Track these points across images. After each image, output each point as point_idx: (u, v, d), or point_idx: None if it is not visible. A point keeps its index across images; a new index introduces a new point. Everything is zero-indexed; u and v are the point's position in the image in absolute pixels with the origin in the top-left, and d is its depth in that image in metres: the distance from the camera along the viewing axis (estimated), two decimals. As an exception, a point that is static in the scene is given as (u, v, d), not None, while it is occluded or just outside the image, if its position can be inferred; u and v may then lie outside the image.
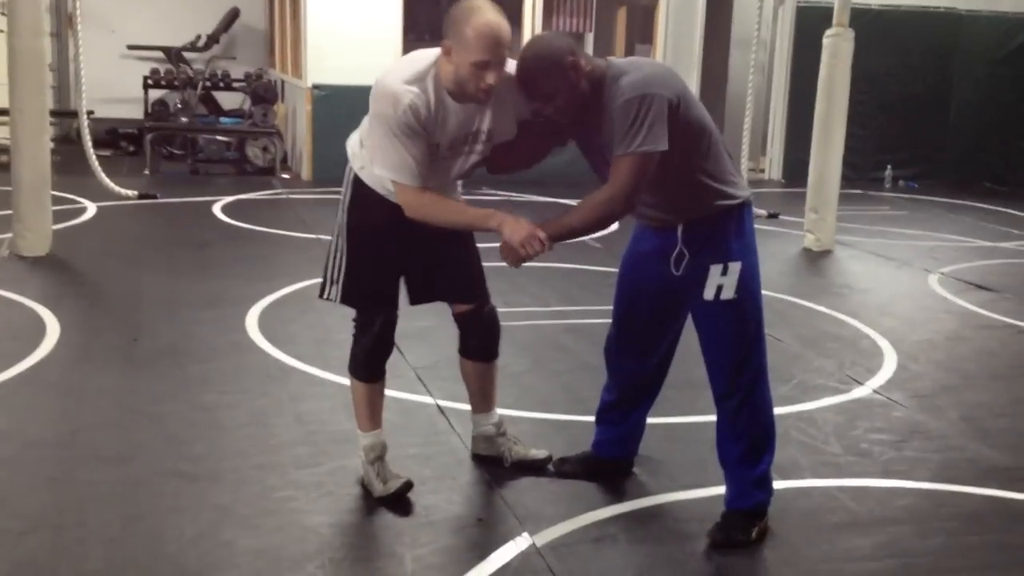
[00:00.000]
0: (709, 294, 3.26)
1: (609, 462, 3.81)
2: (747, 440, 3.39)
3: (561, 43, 3.11)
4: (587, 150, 3.33)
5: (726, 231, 3.26)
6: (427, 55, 3.20)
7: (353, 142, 3.42)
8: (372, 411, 3.58)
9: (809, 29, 11.17)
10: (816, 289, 7.16)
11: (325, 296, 3.52)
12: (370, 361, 3.53)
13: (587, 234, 3.30)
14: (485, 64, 3.04)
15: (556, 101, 3.10)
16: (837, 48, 8.10)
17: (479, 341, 3.68)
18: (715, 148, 3.24)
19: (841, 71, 8.12)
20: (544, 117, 3.22)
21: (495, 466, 3.81)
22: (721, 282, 3.24)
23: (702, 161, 3.20)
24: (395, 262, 3.47)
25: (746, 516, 3.40)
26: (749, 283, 3.30)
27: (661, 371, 3.68)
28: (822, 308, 6.50)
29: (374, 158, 3.21)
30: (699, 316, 3.37)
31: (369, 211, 3.39)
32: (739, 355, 3.34)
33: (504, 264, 3.21)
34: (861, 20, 8.97)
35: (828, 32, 8.17)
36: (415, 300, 3.61)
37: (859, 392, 4.91)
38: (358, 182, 3.41)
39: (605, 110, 3.10)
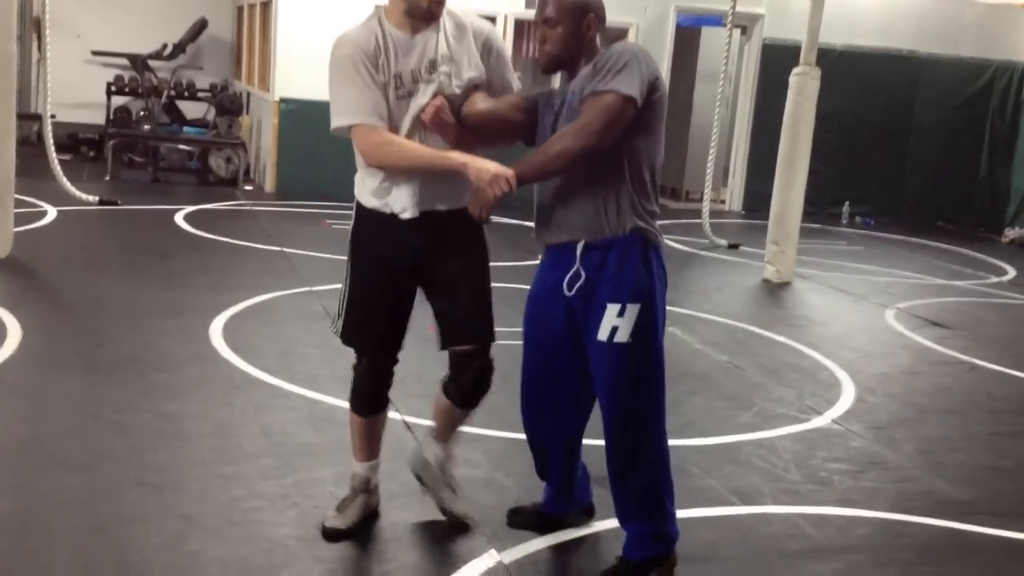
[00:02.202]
0: (603, 335, 3.10)
1: (562, 519, 3.59)
2: (636, 496, 3.22)
3: (598, 2, 3.21)
4: (545, 119, 3.24)
5: (632, 264, 3.10)
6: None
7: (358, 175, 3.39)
8: (363, 443, 3.50)
9: (774, 65, 11.40)
10: (776, 320, 7.26)
11: (332, 329, 3.48)
12: (363, 396, 3.46)
13: (552, 174, 3.11)
14: None
15: (556, 30, 3.16)
16: (803, 86, 8.26)
17: (467, 390, 3.43)
18: (652, 169, 3.15)
19: (807, 109, 8.27)
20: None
21: (463, 482, 3.80)
22: (616, 323, 3.08)
23: (638, 172, 3.10)
24: (391, 297, 3.36)
25: (638, 566, 3.24)
26: (647, 330, 3.12)
27: (583, 415, 3.43)
28: (782, 338, 6.60)
29: (332, 115, 3.24)
30: (592, 357, 3.19)
31: (370, 234, 3.34)
32: (628, 405, 3.17)
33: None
34: (824, 60, 9.13)
35: (795, 70, 8.32)
36: (445, 344, 3.43)
37: (818, 422, 4.99)
38: (359, 206, 3.37)
39: (583, 73, 3.14)
